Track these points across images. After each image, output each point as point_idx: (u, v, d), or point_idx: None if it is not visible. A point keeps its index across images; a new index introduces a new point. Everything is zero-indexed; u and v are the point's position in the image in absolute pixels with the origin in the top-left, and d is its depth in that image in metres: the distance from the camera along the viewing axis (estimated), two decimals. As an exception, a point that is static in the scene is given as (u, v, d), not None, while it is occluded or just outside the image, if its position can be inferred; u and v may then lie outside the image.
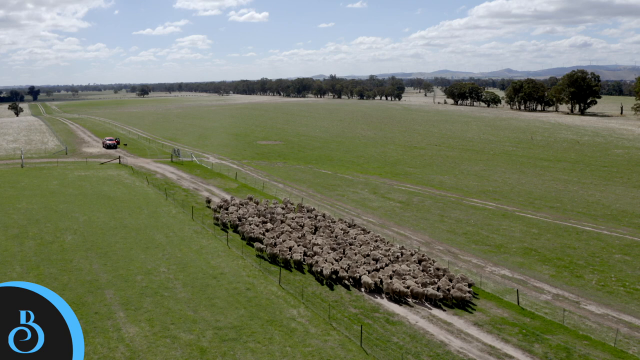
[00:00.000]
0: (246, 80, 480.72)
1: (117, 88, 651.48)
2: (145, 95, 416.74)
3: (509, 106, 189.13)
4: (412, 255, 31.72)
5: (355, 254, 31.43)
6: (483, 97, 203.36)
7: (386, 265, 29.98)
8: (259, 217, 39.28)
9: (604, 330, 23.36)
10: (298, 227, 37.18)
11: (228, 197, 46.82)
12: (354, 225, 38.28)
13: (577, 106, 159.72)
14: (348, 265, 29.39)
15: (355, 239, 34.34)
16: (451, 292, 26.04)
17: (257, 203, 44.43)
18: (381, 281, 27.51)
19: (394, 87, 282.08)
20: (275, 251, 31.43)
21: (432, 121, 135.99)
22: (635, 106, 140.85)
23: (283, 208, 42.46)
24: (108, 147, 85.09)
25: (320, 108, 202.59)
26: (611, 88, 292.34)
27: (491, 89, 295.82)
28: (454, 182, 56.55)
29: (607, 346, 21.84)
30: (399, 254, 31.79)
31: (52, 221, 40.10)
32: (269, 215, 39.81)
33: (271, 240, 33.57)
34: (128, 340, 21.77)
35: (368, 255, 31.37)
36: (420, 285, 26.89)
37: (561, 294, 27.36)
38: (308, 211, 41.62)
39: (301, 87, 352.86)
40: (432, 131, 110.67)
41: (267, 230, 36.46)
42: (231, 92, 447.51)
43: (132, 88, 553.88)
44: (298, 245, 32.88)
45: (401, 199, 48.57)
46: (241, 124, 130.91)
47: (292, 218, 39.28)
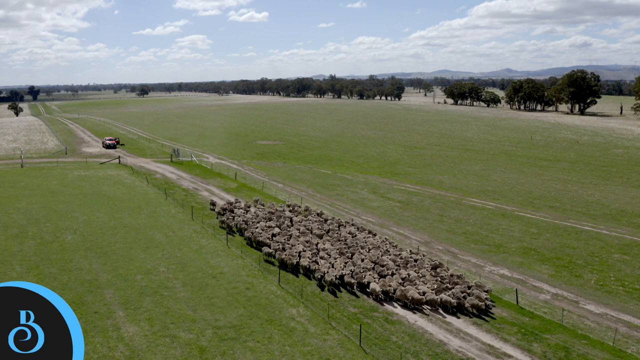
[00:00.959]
0: (246, 80, 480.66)
1: (117, 88, 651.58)
2: (145, 95, 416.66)
3: (509, 106, 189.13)
4: (424, 260, 30.52)
5: (361, 260, 30.22)
6: (483, 97, 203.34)
7: (396, 271, 28.73)
8: (267, 221, 38.14)
9: (603, 329, 23.40)
10: (306, 231, 35.93)
11: (232, 199, 45.68)
12: (363, 229, 37.02)
13: (577, 106, 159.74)
14: (351, 270, 28.39)
15: (366, 243, 33.15)
16: (467, 300, 24.94)
17: (263, 205, 43.54)
18: (394, 290, 26.20)
19: (394, 87, 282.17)
20: (282, 256, 30.59)
21: (432, 121, 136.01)
22: (635, 106, 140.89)
23: (291, 211, 41.54)
24: (108, 147, 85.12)
25: (320, 108, 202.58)
26: (611, 88, 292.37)
27: (491, 89, 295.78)
28: (454, 182, 56.58)
29: (606, 345, 21.89)
30: (410, 260, 30.51)
31: (52, 221, 40.13)
32: (276, 218, 38.84)
33: (279, 245, 32.52)
34: (128, 339, 21.81)
35: (376, 262, 30.00)
36: (434, 292, 25.80)
37: (560, 294, 27.40)
38: (317, 214, 40.47)
39: (301, 87, 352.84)
40: (432, 131, 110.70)
41: (275, 234, 35.25)
42: (231, 92, 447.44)
43: (132, 88, 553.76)
44: (305, 250, 31.81)
45: (401, 199, 48.61)
46: (241, 124, 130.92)
47: (299, 221, 38.36)
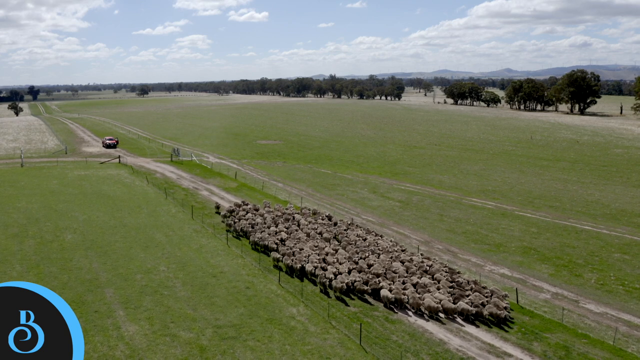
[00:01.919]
0: (246, 80, 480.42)
1: (117, 88, 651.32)
2: (145, 95, 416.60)
3: (509, 106, 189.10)
4: (437, 265, 29.48)
5: (368, 265, 29.23)
6: (483, 97, 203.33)
7: (409, 277, 27.73)
8: (274, 225, 37.03)
9: (603, 328, 23.41)
10: (316, 235, 34.81)
11: (233, 199, 44.34)
12: (369, 231, 36.30)
13: (577, 106, 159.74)
14: (362, 277, 27.15)
15: (377, 246, 32.33)
16: (486, 308, 23.85)
17: (268, 207, 42.30)
18: (408, 297, 25.11)
19: (394, 87, 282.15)
20: (287, 261, 29.66)
21: (432, 121, 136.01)
22: (634, 106, 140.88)
23: (298, 213, 40.44)
24: (108, 147, 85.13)
25: (319, 108, 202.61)
26: (611, 88, 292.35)
27: (491, 89, 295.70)
28: (454, 182, 56.59)
29: (606, 344, 21.89)
30: (423, 265, 29.38)
31: (52, 220, 40.12)
32: (284, 222, 37.88)
33: (288, 250, 31.40)
34: (128, 338, 21.80)
35: (387, 268, 28.93)
36: (452, 299, 24.77)
37: (560, 293, 27.40)
38: (327, 217, 39.49)
39: (301, 87, 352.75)
40: (432, 131, 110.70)
41: (283, 239, 34.05)
42: (231, 92, 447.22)
43: (132, 88, 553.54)
44: (312, 254, 30.75)
45: (400, 198, 48.61)
46: (241, 124, 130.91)
47: (306, 224, 37.35)
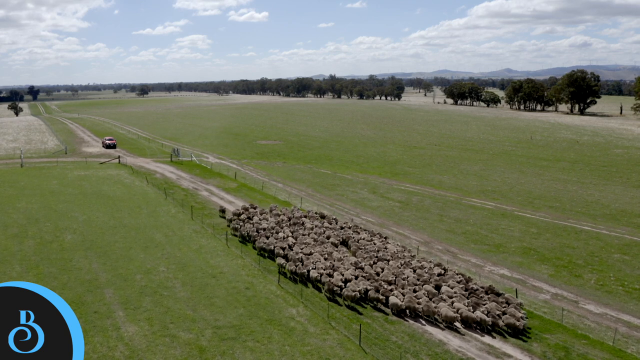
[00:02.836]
0: (246, 80, 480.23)
1: (117, 88, 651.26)
2: (144, 95, 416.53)
3: (509, 106, 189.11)
4: (449, 271, 28.51)
5: (376, 272, 28.33)
6: (483, 97, 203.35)
7: (421, 284, 26.76)
8: (281, 229, 35.99)
9: (603, 329, 23.41)
10: (325, 240, 33.76)
11: (237, 201, 43.27)
12: (373, 233, 35.56)
13: (577, 106, 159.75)
14: (371, 285, 26.15)
15: (385, 252, 31.34)
16: (503, 319, 22.86)
17: (275, 210, 41.10)
18: (423, 306, 24.13)
19: (394, 87, 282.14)
20: (292, 267, 28.74)
21: (432, 121, 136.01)
22: (634, 106, 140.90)
23: (305, 216, 39.52)
24: (108, 147, 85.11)
25: (319, 108, 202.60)
26: (611, 88, 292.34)
27: (491, 89, 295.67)
28: (453, 182, 56.59)
29: (606, 345, 21.90)
30: (434, 271, 28.36)
31: (52, 220, 40.12)
32: (290, 225, 36.95)
33: (295, 255, 30.40)
34: (127, 339, 21.80)
35: (397, 274, 27.94)
36: (470, 308, 23.74)
37: (560, 293, 27.41)
38: (334, 220, 38.60)
39: (301, 87, 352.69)
40: (432, 131, 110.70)
41: (290, 245, 32.80)
42: (231, 92, 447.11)
43: (132, 88, 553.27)
44: (320, 260, 29.74)
45: (400, 199, 48.61)
46: (241, 124, 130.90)
47: (311, 228, 36.33)
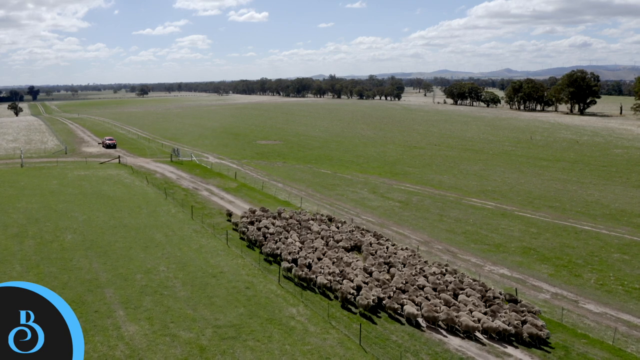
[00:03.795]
0: (246, 80, 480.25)
1: (117, 88, 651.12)
2: (144, 95, 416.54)
3: (509, 106, 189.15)
4: (466, 279, 27.48)
5: (388, 280, 27.33)
6: (482, 97, 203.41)
7: (437, 292, 25.86)
8: (290, 234, 34.91)
9: (603, 328, 23.44)
10: (335, 245, 33.05)
11: (249, 208, 42.01)
12: (380, 236, 35.04)
13: (577, 106, 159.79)
14: (386, 293, 25.29)
15: (397, 257, 30.44)
16: (524, 328, 22.08)
17: (282, 214, 40.08)
18: (443, 315, 23.13)
19: (394, 87, 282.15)
20: (300, 273, 27.69)
21: (432, 121, 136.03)
22: (634, 106, 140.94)
23: (313, 219, 38.73)
24: (108, 147, 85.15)
25: (319, 108, 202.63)
26: (611, 88, 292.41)
27: (491, 89, 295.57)
28: (453, 182, 56.61)
29: (606, 344, 21.92)
30: (451, 279, 27.40)
31: (52, 220, 40.13)
32: (298, 229, 36.05)
33: (304, 261, 29.49)
34: (128, 338, 21.82)
35: (408, 281, 26.94)
36: (490, 317, 23.00)
37: (560, 293, 27.43)
38: (341, 223, 37.94)
39: (301, 87, 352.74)
40: (432, 131, 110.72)
41: (298, 250, 31.63)
42: (231, 92, 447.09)
43: (132, 88, 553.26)
44: (329, 266, 28.87)
45: (400, 199, 48.63)
46: (241, 124, 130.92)
47: (318, 232, 35.46)
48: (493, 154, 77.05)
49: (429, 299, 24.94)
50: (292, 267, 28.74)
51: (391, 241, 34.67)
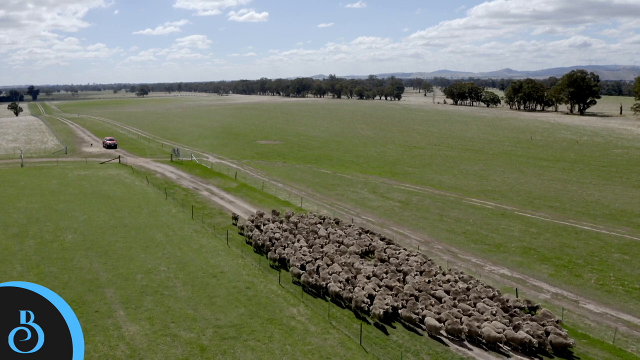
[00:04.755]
0: (246, 80, 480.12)
1: (117, 88, 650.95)
2: (144, 95, 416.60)
3: (509, 106, 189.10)
4: (479, 286, 26.48)
5: (399, 287, 26.42)
6: (482, 97, 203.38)
7: (456, 302, 24.79)
8: (297, 239, 33.94)
9: (603, 328, 23.45)
10: (345, 249, 32.06)
11: (257, 211, 41.22)
12: (383, 237, 34.47)
13: (577, 106, 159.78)
14: (402, 302, 24.39)
15: (409, 264, 29.36)
16: (551, 337, 21.29)
17: (288, 217, 39.33)
18: (465, 327, 22.20)
19: (394, 87, 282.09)
20: (309, 279, 26.99)
21: (432, 121, 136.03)
22: (634, 106, 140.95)
23: (321, 223, 37.85)
24: (108, 147, 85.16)
25: (319, 108, 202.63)
26: (610, 88, 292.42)
27: (491, 89, 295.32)
28: (453, 182, 56.61)
29: (606, 344, 21.92)
30: (460, 285, 26.48)
31: (52, 220, 40.13)
32: (306, 234, 35.12)
33: (312, 266, 28.82)
34: (128, 338, 21.82)
35: (420, 290, 26.04)
36: (513, 328, 22.04)
37: (560, 293, 27.44)
38: (348, 226, 37.08)
39: (301, 87, 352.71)
40: (432, 131, 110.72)
41: (305, 255, 30.71)
42: (231, 92, 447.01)
43: (132, 88, 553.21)
44: (340, 272, 28.05)
45: (400, 199, 48.63)
46: (241, 124, 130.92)
47: (326, 236, 34.52)
48: (493, 154, 77.06)
49: (446, 308, 23.85)
50: (301, 274, 27.76)
51: (402, 246, 33.30)
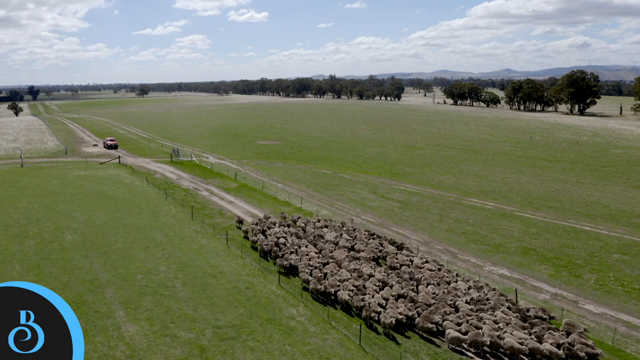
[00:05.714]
0: (246, 80, 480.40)
1: (117, 88, 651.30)
2: (144, 95, 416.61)
3: (509, 106, 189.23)
4: (489, 294, 25.52)
5: (400, 292, 25.64)
6: (482, 97, 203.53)
7: (472, 311, 23.79)
8: (302, 241, 33.29)
9: (602, 329, 23.46)
10: (355, 255, 31.11)
11: (264, 215, 40.81)
12: (386, 239, 33.86)
13: (577, 106, 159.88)
14: (415, 311, 23.52)
15: (425, 274, 28.22)
16: (577, 348, 20.22)
17: (295, 221, 38.60)
18: (487, 338, 21.14)
19: (394, 87, 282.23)
20: (318, 286, 26.06)
21: (432, 121, 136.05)
22: (634, 106, 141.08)
23: (327, 226, 37.21)
24: (109, 147, 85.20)
25: (319, 108, 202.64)
26: (610, 88, 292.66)
27: (490, 89, 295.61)
28: (453, 182, 56.62)
29: (605, 345, 21.93)
30: (472, 293, 25.57)
31: (52, 220, 40.14)
32: (313, 238, 34.33)
33: (320, 273, 27.87)
34: (128, 338, 21.83)
35: (432, 297, 25.28)
36: (536, 339, 21.05)
37: (560, 293, 27.45)
38: (353, 230, 36.30)
39: (301, 87, 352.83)
40: (432, 131, 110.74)
41: (313, 261, 29.77)
42: (231, 92, 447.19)
43: (132, 88, 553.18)
44: (349, 279, 27.03)
45: (400, 199, 48.64)
46: (241, 124, 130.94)
47: (332, 240, 33.80)
48: (493, 154, 77.08)
49: (462, 318, 23.00)
50: (310, 280, 26.88)
51: (414, 252, 32.46)
